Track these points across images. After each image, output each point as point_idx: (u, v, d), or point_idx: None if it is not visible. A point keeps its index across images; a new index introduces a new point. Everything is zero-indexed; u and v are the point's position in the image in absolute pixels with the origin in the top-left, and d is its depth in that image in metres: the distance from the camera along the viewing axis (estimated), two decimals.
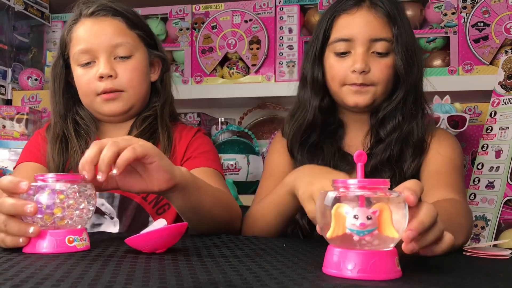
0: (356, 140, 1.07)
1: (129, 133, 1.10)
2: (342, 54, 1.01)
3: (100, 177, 0.70)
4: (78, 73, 1.07)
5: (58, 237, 0.67)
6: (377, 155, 1.01)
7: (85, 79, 1.06)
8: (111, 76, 1.04)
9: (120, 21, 1.07)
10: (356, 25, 1.00)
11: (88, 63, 1.05)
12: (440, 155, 1.01)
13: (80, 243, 0.69)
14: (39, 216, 0.67)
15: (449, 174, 0.99)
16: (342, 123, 1.09)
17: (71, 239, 0.68)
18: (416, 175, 1.01)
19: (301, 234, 1.06)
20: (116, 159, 0.70)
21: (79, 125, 1.11)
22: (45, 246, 0.67)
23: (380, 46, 0.99)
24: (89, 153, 0.71)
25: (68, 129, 1.09)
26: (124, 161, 0.70)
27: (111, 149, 0.70)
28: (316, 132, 1.07)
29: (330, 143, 1.06)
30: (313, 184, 0.79)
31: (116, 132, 1.11)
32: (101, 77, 1.03)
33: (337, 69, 1.01)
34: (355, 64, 0.98)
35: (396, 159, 1.01)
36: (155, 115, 1.11)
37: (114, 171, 0.70)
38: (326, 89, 1.06)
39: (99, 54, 1.04)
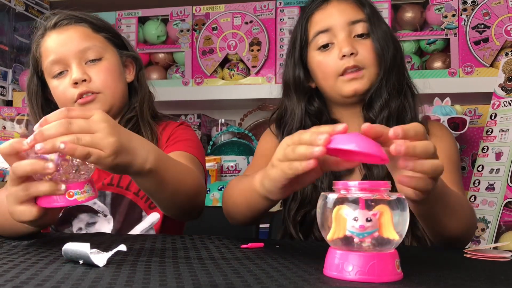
0: None
1: None
2: (325, 47, 1.02)
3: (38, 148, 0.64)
4: (53, 85, 1.07)
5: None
6: None
7: (60, 89, 1.06)
8: (85, 80, 1.04)
9: (85, 26, 1.07)
10: (331, 16, 1.02)
11: (61, 73, 1.06)
12: (441, 153, 1.02)
13: (82, 195, 0.69)
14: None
15: (453, 173, 1.00)
16: (335, 122, 1.07)
17: (71, 193, 0.69)
18: None
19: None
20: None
21: None
22: (45, 201, 0.68)
23: (359, 27, 1.00)
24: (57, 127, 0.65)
25: None
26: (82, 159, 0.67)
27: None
28: None
29: None
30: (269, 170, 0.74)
31: None
32: (75, 83, 1.04)
33: (326, 63, 1.01)
34: (342, 48, 0.98)
35: None
36: (137, 115, 1.12)
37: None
38: (312, 91, 1.06)
39: (69, 62, 1.04)
